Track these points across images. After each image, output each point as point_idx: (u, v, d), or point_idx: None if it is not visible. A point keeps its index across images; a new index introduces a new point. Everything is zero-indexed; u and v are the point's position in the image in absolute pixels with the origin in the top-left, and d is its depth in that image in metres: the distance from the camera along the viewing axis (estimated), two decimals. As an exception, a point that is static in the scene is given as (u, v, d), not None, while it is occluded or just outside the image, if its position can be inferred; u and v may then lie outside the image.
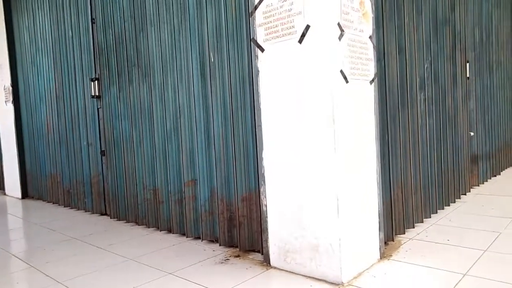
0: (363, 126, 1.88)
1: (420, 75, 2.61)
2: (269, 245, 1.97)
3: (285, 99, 1.84)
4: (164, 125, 2.61)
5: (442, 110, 2.94)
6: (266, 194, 1.96)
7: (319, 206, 1.75)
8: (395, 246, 2.15)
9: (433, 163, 2.78)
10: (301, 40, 1.76)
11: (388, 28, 2.22)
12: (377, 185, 1.97)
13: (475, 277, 1.72)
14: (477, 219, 2.64)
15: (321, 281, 1.74)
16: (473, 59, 3.61)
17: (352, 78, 1.80)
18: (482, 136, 3.84)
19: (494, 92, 4.24)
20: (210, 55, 2.27)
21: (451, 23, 3.13)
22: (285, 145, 1.86)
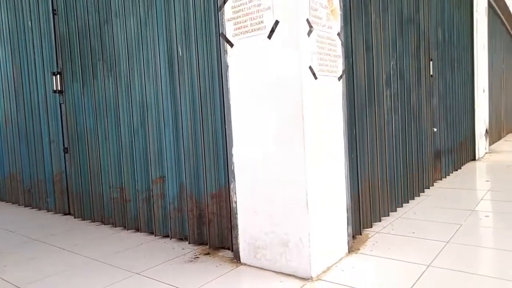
0: (332, 122, 1.90)
1: (386, 72, 2.67)
2: (239, 241, 1.95)
3: (255, 95, 1.83)
4: (131, 120, 2.54)
5: (407, 107, 3.03)
6: (236, 191, 1.95)
7: (289, 201, 1.75)
8: (363, 240, 2.20)
9: (399, 158, 2.86)
10: (270, 35, 1.75)
11: (355, 25, 2.25)
12: (345, 180, 2.00)
13: (438, 268, 1.78)
14: (440, 212, 2.74)
15: (291, 276, 1.75)
16: (436, 58, 3.74)
17: (320, 74, 1.81)
18: (444, 132, 3.99)
19: (456, 89, 4.42)
20: (178, 49, 2.22)
21: (416, 23, 3.22)
22: (255, 141, 1.85)
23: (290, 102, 1.71)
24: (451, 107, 4.25)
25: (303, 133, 1.68)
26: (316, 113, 1.76)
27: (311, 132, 1.73)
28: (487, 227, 2.40)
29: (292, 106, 1.71)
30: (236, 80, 1.89)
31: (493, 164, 4.82)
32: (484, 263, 1.90)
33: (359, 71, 2.30)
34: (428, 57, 3.50)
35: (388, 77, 2.71)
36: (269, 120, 1.79)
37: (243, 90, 1.87)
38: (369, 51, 2.43)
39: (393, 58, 2.79)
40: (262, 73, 1.79)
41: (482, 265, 1.87)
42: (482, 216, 2.58)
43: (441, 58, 3.89)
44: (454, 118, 4.35)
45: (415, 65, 3.20)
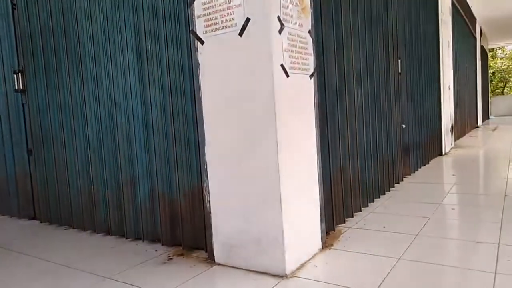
0: (304, 120, 1.91)
1: (357, 70, 2.72)
2: (213, 241, 1.93)
3: (227, 93, 1.81)
4: (99, 120, 2.46)
5: (377, 104, 3.09)
6: (209, 190, 1.92)
7: (262, 199, 1.75)
8: (336, 235, 2.23)
9: (370, 154, 2.92)
10: (241, 33, 1.73)
11: (326, 23, 2.27)
12: (318, 177, 2.02)
13: (408, 261, 1.82)
14: (409, 206, 2.81)
15: (265, 274, 1.75)
16: (404, 56, 3.84)
17: (292, 72, 1.81)
18: (413, 128, 4.11)
19: (423, 87, 4.56)
20: (148, 46, 2.16)
21: (384, 22, 3.29)
22: (227, 139, 1.83)
23: (262, 99, 1.70)
24: (419, 104, 4.38)
25: (275, 131, 1.68)
26: (288, 110, 1.77)
27: (283, 129, 1.73)
28: (454, 219, 2.49)
29: (264, 103, 1.70)
30: (207, 77, 1.87)
31: (458, 158, 5.01)
32: (451, 254, 1.97)
33: (330, 69, 2.32)
34: (396, 55, 3.59)
35: (359, 75, 2.76)
36: (241, 118, 1.77)
37: (215, 88, 1.85)
38: (340, 49, 2.46)
39: (363, 56, 2.84)
40: (233, 71, 1.78)
41: (449, 256, 1.93)
42: (449, 209, 2.67)
43: (408, 56, 4.00)
44: (421, 115, 4.48)
45: (384, 63, 3.27)
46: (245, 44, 1.73)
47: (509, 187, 3.16)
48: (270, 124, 1.69)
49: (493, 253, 1.83)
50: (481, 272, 1.65)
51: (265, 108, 1.70)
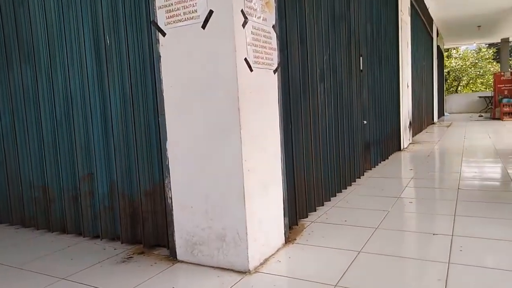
0: (268, 115, 1.90)
1: (320, 67, 2.75)
2: (176, 238, 1.89)
3: (189, 87, 1.77)
4: (53, 113, 2.33)
5: (339, 100, 3.14)
6: (171, 186, 1.88)
7: (226, 195, 1.73)
8: (299, 230, 2.25)
9: (332, 149, 2.97)
10: (204, 25, 1.70)
11: (290, 19, 2.27)
12: (281, 171, 2.02)
13: (368, 253, 1.87)
14: (370, 199, 2.90)
15: (229, 271, 1.73)
16: (366, 53, 3.93)
17: (256, 66, 1.79)
18: (373, 124, 4.23)
19: (383, 84, 4.69)
20: (106, 37, 2.07)
21: (347, 19, 3.35)
22: (190, 134, 1.79)
23: (225, 94, 1.68)
24: (379, 101, 4.51)
25: (239, 126, 1.66)
26: (252, 105, 1.75)
27: (247, 125, 1.71)
28: (411, 212, 2.58)
29: (228, 98, 1.67)
30: (169, 70, 1.81)
31: (416, 154, 5.22)
32: (408, 246, 2.04)
33: (294, 64, 2.33)
34: (358, 52, 3.67)
35: (322, 71, 2.79)
36: (205, 113, 1.74)
37: (177, 81, 1.80)
38: (304, 45, 2.47)
39: (326, 53, 2.88)
40: (196, 64, 1.74)
41: (407, 248, 2.00)
42: (407, 202, 2.77)
43: (370, 54, 4.10)
44: (382, 111, 4.62)
45: (346, 60, 3.33)
46: (208, 37, 1.69)
47: (461, 181, 3.32)
48: (234, 119, 1.67)
49: (447, 244, 1.92)
50: (437, 263, 1.72)
51: (228, 103, 1.67)
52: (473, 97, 15.87)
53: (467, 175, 3.57)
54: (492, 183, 3.30)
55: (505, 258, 1.74)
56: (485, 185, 3.22)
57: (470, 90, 20.98)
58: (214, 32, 1.67)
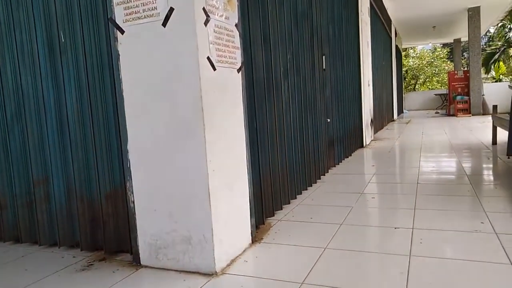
0: (232, 114, 1.88)
1: (283, 65, 2.76)
2: (139, 243, 1.83)
3: (150, 86, 1.71)
4: (3, 113, 2.19)
5: (303, 98, 3.17)
6: (133, 189, 1.81)
7: (190, 197, 1.69)
8: (266, 229, 2.25)
9: (297, 147, 3.00)
10: (165, 23, 1.65)
11: (253, 17, 2.26)
12: (247, 171, 2.01)
13: (333, 249, 1.90)
14: (334, 196, 2.95)
15: (195, 274, 1.70)
16: (328, 52, 4.00)
17: (219, 65, 1.77)
18: (336, 122, 4.31)
19: (345, 83, 4.80)
20: (60, 34, 1.97)
21: (309, 18, 3.39)
22: (152, 135, 1.74)
23: (188, 93, 1.64)
24: (342, 99, 4.61)
25: (203, 126, 1.63)
26: (216, 105, 1.72)
27: (211, 124, 1.68)
28: (374, 207, 2.65)
29: (191, 97, 1.64)
30: (129, 69, 1.75)
31: (377, 150, 5.38)
32: (372, 240, 2.09)
33: (257, 63, 2.32)
34: (321, 51, 3.72)
35: (286, 70, 2.80)
36: (167, 113, 1.69)
37: (137, 81, 1.74)
38: (267, 44, 2.47)
39: (289, 51, 2.89)
40: (157, 63, 1.69)
41: (370, 243, 2.05)
42: (369, 198, 2.84)
43: (332, 53, 4.17)
44: (344, 109, 4.72)
45: (309, 59, 3.37)
46: (169, 35, 1.65)
47: (420, 176, 3.46)
48: (197, 119, 1.63)
49: (408, 237, 1.98)
50: (398, 256, 1.77)
51: (191, 103, 1.64)
52: (430, 94, 16.60)
53: (425, 170, 3.71)
54: (448, 176, 3.45)
55: (462, 249, 1.83)
56: (442, 178, 3.36)
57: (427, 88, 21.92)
58: (175, 30, 1.63)
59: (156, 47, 1.68)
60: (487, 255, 1.72)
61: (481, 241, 1.88)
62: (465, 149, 4.91)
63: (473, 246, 1.84)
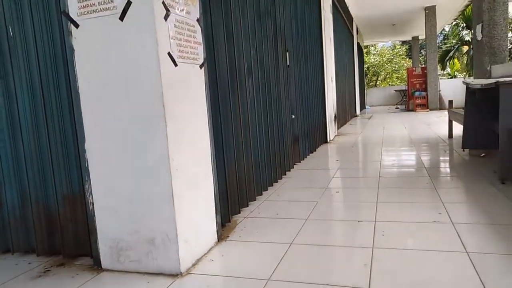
0: (195, 110, 1.85)
1: (247, 62, 2.74)
2: (99, 246, 1.76)
3: (108, 83, 1.65)
4: None
5: (268, 95, 3.17)
6: (92, 191, 1.74)
7: (153, 196, 1.64)
8: (232, 227, 2.23)
9: (262, 144, 3.00)
10: (122, 17, 1.59)
11: (215, 13, 2.22)
12: (212, 169, 1.98)
13: (299, 244, 1.91)
14: (300, 191, 2.97)
15: (159, 275, 1.66)
16: (292, 49, 4.02)
17: (181, 61, 1.73)
18: (301, 118, 4.35)
19: (309, 79, 4.85)
20: (9, 28, 1.85)
21: (273, 15, 3.39)
22: (111, 134, 1.67)
23: (149, 90, 1.59)
24: (306, 95, 4.66)
25: (165, 123, 1.59)
26: (178, 101, 1.68)
27: (174, 121, 1.64)
28: (338, 201, 2.70)
29: (152, 94, 1.59)
30: (84, 65, 1.67)
31: (341, 145, 5.49)
32: (336, 234, 2.13)
33: (221, 59, 2.29)
34: (284, 48, 3.74)
35: (250, 66, 2.79)
36: (126, 110, 1.63)
37: (94, 77, 1.66)
38: (230, 40, 2.44)
39: (253, 47, 2.88)
40: (115, 59, 1.62)
41: (335, 237, 2.08)
42: (334, 192, 2.90)
43: (296, 50, 4.20)
44: (308, 105, 4.78)
45: (273, 55, 3.38)
46: (127, 29, 1.59)
47: (382, 169, 3.56)
48: (159, 116, 1.59)
49: (371, 230, 2.03)
50: (362, 248, 1.81)
51: (152, 100, 1.59)
52: (390, 90, 17.18)
53: (386, 164, 3.83)
54: (408, 170, 3.58)
55: (422, 239, 1.89)
56: (403, 172, 3.48)
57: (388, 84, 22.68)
58: (134, 24, 1.58)
59: (113, 42, 1.61)
60: (445, 244, 1.80)
61: (439, 231, 1.96)
62: (424, 143, 5.11)
63: (432, 236, 1.91)
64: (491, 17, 4.09)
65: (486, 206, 2.32)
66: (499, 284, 1.42)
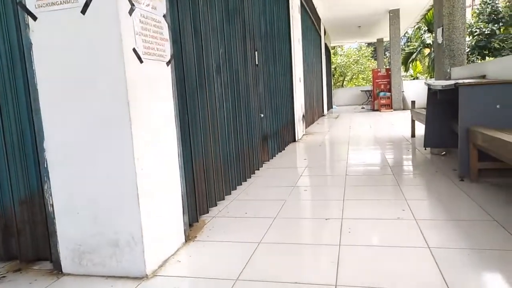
0: (162, 109, 1.80)
1: (216, 60, 2.71)
2: (60, 249, 1.68)
3: (70, 79, 1.57)
4: None
5: (236, 94, 3.16)
6: (52, 192, 1.66)
7: (117, 197, 1.59)
8: (200, 226, 2.20)
9: (231, 143, 2.98)
10: (84, 10, 1.52)
11: (182, 9, 2.18)
12: (179, 169, 1.94)
13: (268, 243, 1.91)
14: (269, 190, 2.98)
15: (124, 278, 1.61)
16: (260, 48, 4.02)
17: (147, 58, 1.68)
18: (270, 117, 4.37)
19: (278, 78, 4.88)
20: (-41, 19, 1.73)
21: (241, 13, 3.37)
22: (73, 132, 1.60)
23: (112, 87, 1.53)
24: (275, 95, 4.68)
25: (129, 121, 1.54)
26: (144, 99, 1.64)
27: (139, 120, 1.59)
28: (306, 199, 2.73)
29: (116, 91, 1.53)
30: (44, 60, 1.59)
31: (309, 144, 5.56)
32: (304, 232, 2.14)
33: (189, 56, 2.25)
34: (253, 47, 3.73)
35: (218, 65, 2.76)
36: (89, 108, 1.57)
37: (54, 73, 1.59)
38: (198, 37, 2.41)
39: (221, 46, 2.85)
40: (77, 54, 1.55)
41: (303, 235, 2.10)
42: (302, 191, 2.92)
43: (264, 49, 4.21)
44: (277, 105, 4.80)
45: (242, 54, 3.36)
46: (90, 24, 1.52)
47: (348, 168, 3.63)
48: (123, 115, 1.54)
49: (338, 228, 2.06)
50: (329, 246, 1.84)
51: (116, 98, 1.54)
52: (356, 91, 17.60)
53: (353, 162, 3.92)
54: (373, 168, 3.67)
55: (387, 236, 1.94)
56: (368, 170, 3.57)
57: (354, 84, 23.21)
58: (97, 18, 1.52)
59: (75, 36, 1.55)
60: (408, 240, 1.85)
61: (403, 228, 2.02)
62: (388, 141, 5.27)
63: (396, 232, 1.97)
64: (451, 21, 4.27)
65: (447, 203, 2.42)
66: (457, 276, 1.48)
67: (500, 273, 1.50)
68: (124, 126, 1.54)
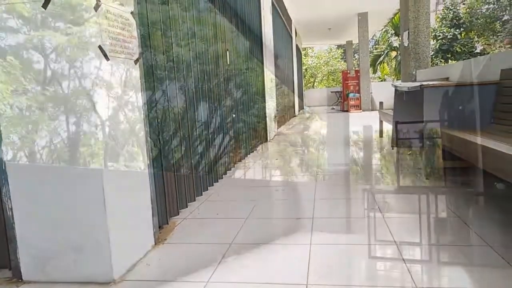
0: (130, 108, 1.75)
1: (186, 59, 2.67)
2: (20, 256, 1.60)
3: (31, 74, 1.50)
4: None
5: (208, 94, 3.12)
6: (11, 195, 1.57)
7: (82, 200, 1.53)
8: (170, 229, 2.16)
9: (202, 143, 2.94)
10: (45, 5, 1.45)
11: (152, 6, 2.13)
12: (148, 170, 1.89)
13: (239, 244, 1.90)
14: (240, 191, 2.97)
15: (90, 284, 1.55)
16: (232, 49, 4.00)
17: (114, 55, 1.62)
18: (242, 117, 4.35)
19: (249, 78, 4.87)
20: None
21: (213, 12, 3.34)
22: (34, 131, 1.52)
23: (78, 85, 1.47)
24: (247, 95, 4.67)
25: (95, 121, 1.48)
26: (110, 98, 1.58)
27: (105, 120, 1.54)
28: (278, 200, 2.73)
29: (80, 91, 1.47)
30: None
31: (281, 144, 5.59)
32: (276, 232, 2.14)
33: (158, 55, 2.20)
34: (225, 47, 3.71)
35: (189, 64, 2.72)
36: (53, 107, 1.50)
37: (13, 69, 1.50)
38: (168, 36, 2.36)
39: (192, 46, 2.81)
40: (38, 49, 1.48)
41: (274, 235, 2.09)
42: (274, 191, 2.93)
43: (236, 49, 4.19)
44: (249, 105, 4.80)
45: (214, 54, 3.33)
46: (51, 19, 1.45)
47: (319, 167, 3.68)
48: (89, 113, 1.48)
49: (309, 227, 2.08)
50: (300, 245, 1.85)
51: (81, 95, 1.47)
52: (327, 92, 17.88)
53: (323, 161, 3.97)
54: (343, 167, 3.73)
55: (356, 233, 1.97)
56: (338, 169, 3.62)
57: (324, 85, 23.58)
58: (58, 14, 1.45)
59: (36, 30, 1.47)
60: (378, 237, 1.89)
61: (372, 225, 2.06)
62: (357, 141, 5.38)
63: (360, 230, 2.00)
64: (416, 25, 4.41)
65: (413, 200, 2.49)
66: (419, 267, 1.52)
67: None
68: (89, 125, 1.49)
